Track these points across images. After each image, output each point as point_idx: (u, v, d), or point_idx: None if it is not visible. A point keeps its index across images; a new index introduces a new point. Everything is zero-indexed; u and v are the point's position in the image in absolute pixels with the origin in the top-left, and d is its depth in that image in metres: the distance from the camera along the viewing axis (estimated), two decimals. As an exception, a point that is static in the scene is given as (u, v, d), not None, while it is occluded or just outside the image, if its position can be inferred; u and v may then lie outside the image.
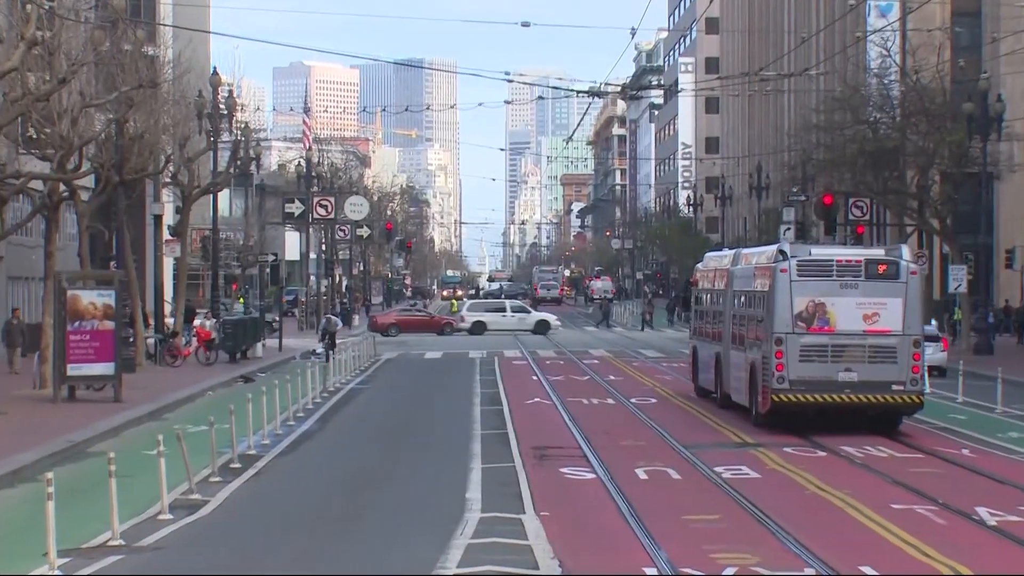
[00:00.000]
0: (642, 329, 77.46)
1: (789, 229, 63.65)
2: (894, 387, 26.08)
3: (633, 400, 33.33)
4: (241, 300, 60.38)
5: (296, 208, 62.21)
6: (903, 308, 26.22)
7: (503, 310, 75.00)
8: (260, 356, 48.47)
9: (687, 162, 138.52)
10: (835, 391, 26.17)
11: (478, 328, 72.13)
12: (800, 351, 26.19)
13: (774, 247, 28.27)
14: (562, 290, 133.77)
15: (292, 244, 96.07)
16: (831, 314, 26.27)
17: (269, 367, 45.07)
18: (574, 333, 73.86)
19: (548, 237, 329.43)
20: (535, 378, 41.13)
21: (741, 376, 29.01)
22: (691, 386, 35.23)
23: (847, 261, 26.49)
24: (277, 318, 56.89)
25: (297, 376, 32.74)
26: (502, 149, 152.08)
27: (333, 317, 49.87)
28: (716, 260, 34.41)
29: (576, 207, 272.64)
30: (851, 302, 26.21)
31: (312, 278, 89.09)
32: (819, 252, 27.04)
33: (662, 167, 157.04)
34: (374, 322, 75.22)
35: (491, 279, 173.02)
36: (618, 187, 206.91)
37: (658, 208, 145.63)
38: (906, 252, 27.00)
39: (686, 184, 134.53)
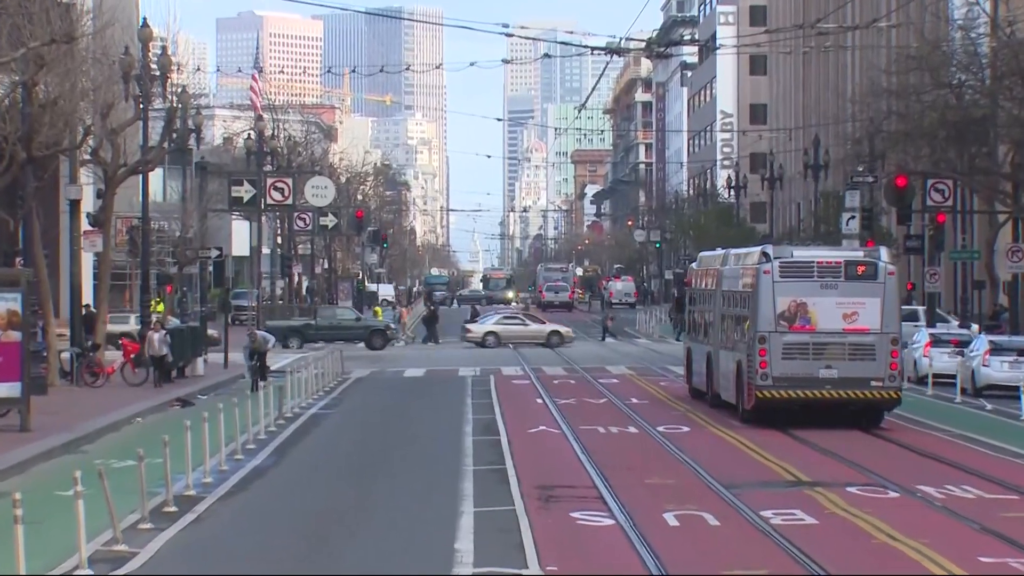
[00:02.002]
0: (603, 339, 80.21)
1: (853, 218, 63.69)
2: (873, 383, 33.04)
3: (660, 428, 33.37)
4: (159, 306, 60.17)
5: (245, 192, 62.14)
6: (881, 308, 33.14)
7: None
8: (201, 374, 48.47)
9: (727, 135, 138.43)
10: (816, 387, 33.14)
11: None
12: (783, 349, 33.20)
13: (758, 248, 35.34)
14: (573, 293, 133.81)
15: (240, 236, 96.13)
16: (812, 313, 33.29)
17: (212, 388, 45.00)
18: (588, 346, 73.92)
19: (556, 228, 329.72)
20: (540, 401, 41.15)
21: (729, 374, 35.77)
22: (735, 413, 35.81)
23: (827, 263, 33.54)
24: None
25: (246, 399, 32.74)
26: (499, 119, 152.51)
27: (260, 332, 47.66)
28: (709, 260, 41.15)
29: (590, 191, 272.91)
30: (831, 302, 33.19)
31: (265, 278, 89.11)
32: (801, 254, 34.33)
33: (696, 141, 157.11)
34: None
35: (486, 279, 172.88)
36: (642, 166, 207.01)
37: (692, 192, 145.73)
38: (884, 254, 34.05)
39: (726, 162, 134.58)
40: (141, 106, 48.56)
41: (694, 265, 43.47)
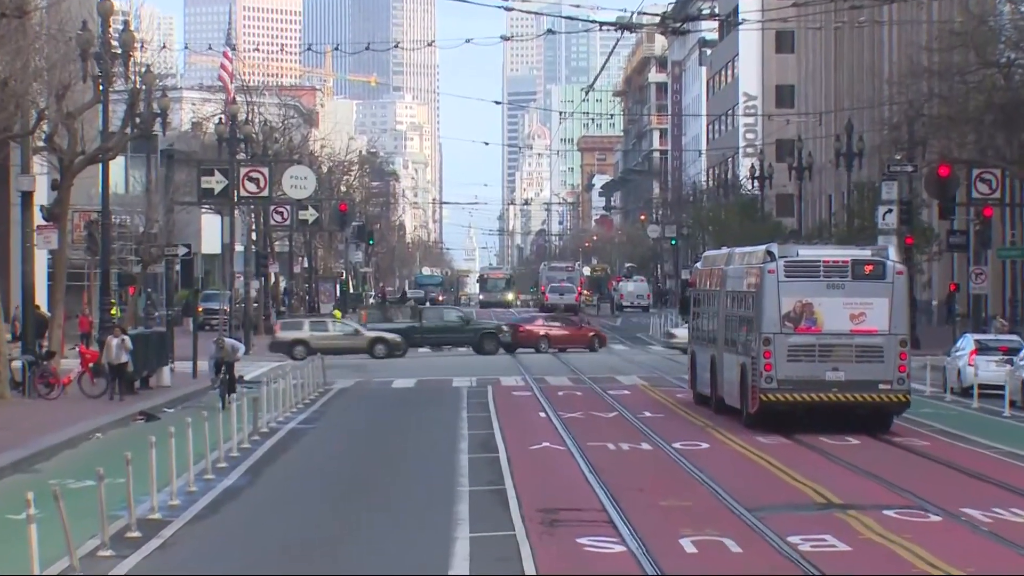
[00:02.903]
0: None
1: (891, 211, 63.82)
2: (881, 386, 35.43)
3: (676, 445, 33.39)
4: (115, 311, 60.31)
5: (216, 183, 62.18)
6: (889, 308, 35.56)
7: None
8: (167, 385, 48.48)
9: (751, 120, 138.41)
10: (823, 390, 35.55)
11: None
12: (788, 351, 35.62)
13: (763, 247, 37.54)
14: (579, 295, 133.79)
15: (211, 232, 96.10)
16: (818, 314, 35.65)
17: (179, 400, 44.99)
18: (596, 354, 73.93)
19: (561, 222, 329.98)
20: (543, 415, 41.19)
21: (733, 378, 38.27)
22: (761, 430, 36.19)
23: (834, 262, 35.99)
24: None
25: (217, 413, 32.76)
26: (498, 103, 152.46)
27: (228, 339, 46.70)
28: (714, 260, 43.80)
29: (599, 181, 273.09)
30: (838, 302, 35.57)
31: (239, 278, 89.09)
32: (807, 253, 36.86)
33: (717, 126, 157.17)
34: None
35: (483, 279, 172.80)
36: (656, 154, 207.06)
37: (711, 183, 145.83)
38: (892, 252, 36.85)
39: (749, 150, 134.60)
40: (101, 88, 48.53)
41: (698, 265, 46.65)
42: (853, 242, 56.73)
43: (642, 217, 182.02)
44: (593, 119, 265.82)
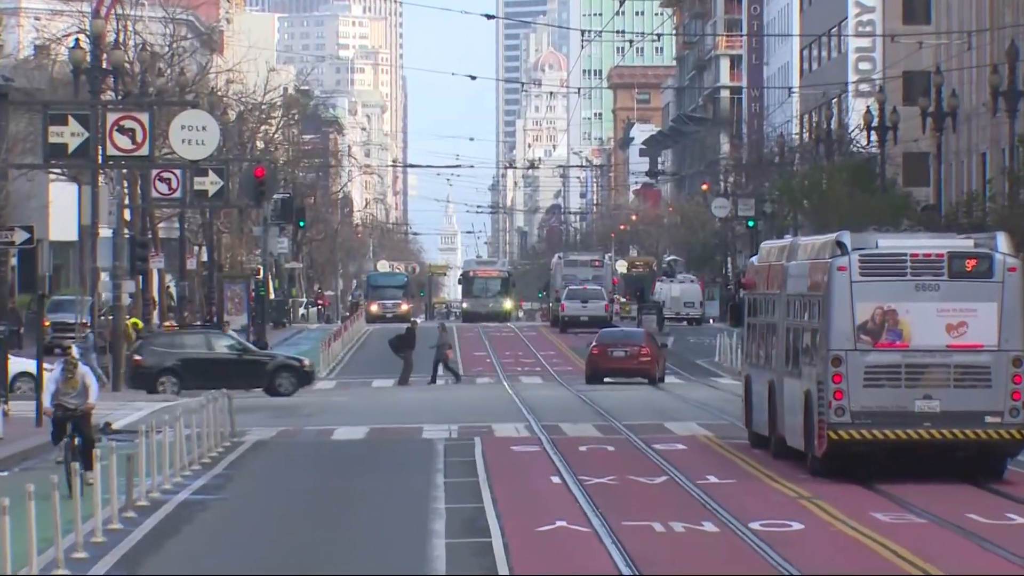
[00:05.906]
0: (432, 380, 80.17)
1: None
2: (988, 419, 38.20)
3: (755, 525, 33.42)
4: None
5: (71, 135, 62.19)
6: (999, 316, 38.40)
7: None
8: (-2, 436, 48.55)
9: (866, 42, 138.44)
10: (911, 425, 38.42)
11: None
12: (865, 373, 38.62)
13: (832, 237, 40.24)
14: (611, 302, 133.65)
15: (64, 210, 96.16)
16: (904, 325, 38.56)
17: (15, 458, 45.05)
18: (637, 390, 74.04)
19: (583, 195, 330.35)
20: (556, 480, 41.26)
21: (796, 409, 41.12)
22: (871, 496, 36.77)
23: (925, 255, 38.73)
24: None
25: (73, 477, 32.67)
26: (490, 17, 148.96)
27: (83, 366, 40.31)
28: (773, 253, 46.53)
29: (640, 134, 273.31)
30: (931, 309, 38.53)
31: (104, 277, 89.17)
32: (889, 244, 39.48)
33: (815, 52, 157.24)
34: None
35: (468, 278, 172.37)
36: (724, 93, 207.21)
37: (807, 135, 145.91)
38: (1003, 242, 39.03)
39: (864, 87, 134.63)
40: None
41: (754, 260, 49.38)
42: (1015, 223, 57.03)
43: (704, 187, 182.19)
44: (631, 42, 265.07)
